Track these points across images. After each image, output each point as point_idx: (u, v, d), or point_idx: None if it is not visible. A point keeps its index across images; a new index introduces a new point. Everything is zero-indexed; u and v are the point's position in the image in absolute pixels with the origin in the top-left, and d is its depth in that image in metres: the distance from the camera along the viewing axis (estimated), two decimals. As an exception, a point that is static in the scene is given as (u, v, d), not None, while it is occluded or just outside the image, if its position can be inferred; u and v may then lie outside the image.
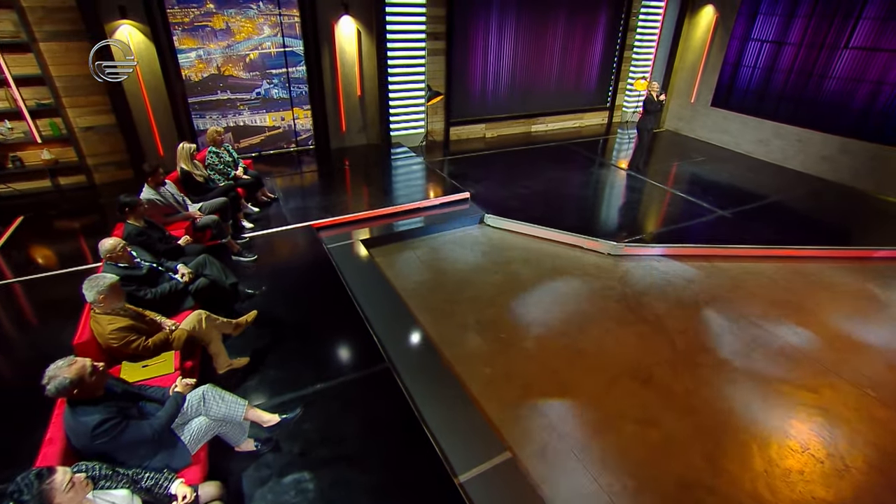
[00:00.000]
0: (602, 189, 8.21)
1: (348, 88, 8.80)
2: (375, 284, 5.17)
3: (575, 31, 10.41)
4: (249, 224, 6.07)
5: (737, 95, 10.15)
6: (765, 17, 9.37)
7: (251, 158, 7.99)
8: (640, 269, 5.85)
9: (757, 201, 7.69)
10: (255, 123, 8.62)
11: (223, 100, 8.19)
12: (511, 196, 7.43)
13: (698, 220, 6.90)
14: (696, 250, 6.17)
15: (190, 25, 7.46)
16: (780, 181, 8.74)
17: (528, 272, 5.70)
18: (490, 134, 10.46)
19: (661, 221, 6.89)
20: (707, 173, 8.87)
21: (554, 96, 10.94)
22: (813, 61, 8.76)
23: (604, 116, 11.82)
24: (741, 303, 5.31)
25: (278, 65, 8.34)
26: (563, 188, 7.88)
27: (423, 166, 8.41)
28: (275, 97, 8.56)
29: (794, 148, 9.29)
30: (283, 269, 5.28)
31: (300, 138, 9.08)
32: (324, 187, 7.59)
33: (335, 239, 6.05)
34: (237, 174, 6.34)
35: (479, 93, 9.97)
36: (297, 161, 8.79)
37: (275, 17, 7.97)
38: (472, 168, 8.63)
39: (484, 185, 7.76)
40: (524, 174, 8.40)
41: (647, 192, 7.93)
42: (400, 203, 6.80)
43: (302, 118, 8.91)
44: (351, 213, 6.45)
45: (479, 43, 9.49)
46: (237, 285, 4.09)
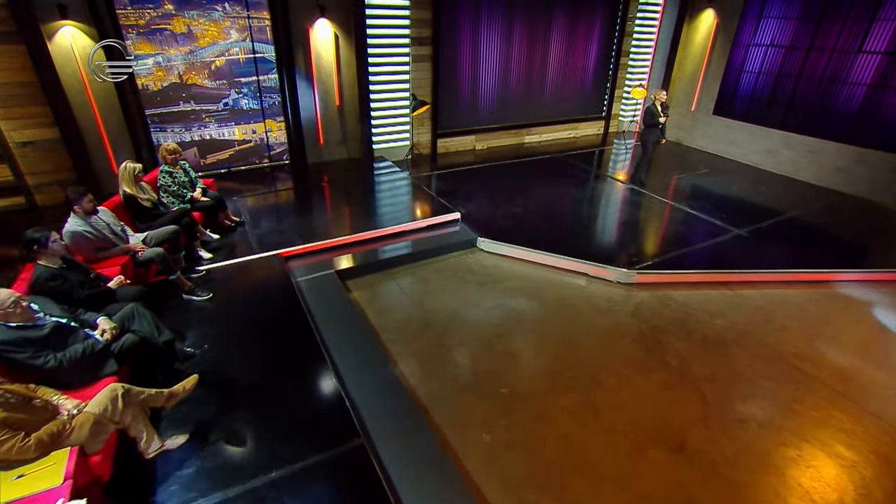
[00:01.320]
0: (604, 206, 7.53)
1: (326, 98, 8.06)
2: (351, 327, 4.39)
3: (568, 37, 9.80)
4: (207, 254, 5.26)
5: (741, 103, 9.59)
6: (770, 20, 8.83)
7: (214, 177, 7.19)
8: (655, 301, 5.14)
9: (773, 217, 7.06)
10: (222, 137, 7.83)
11: (186, 111, 7.40)
12: (505, 216, 6.71)
13: (713, 241, 6.23)
14: (715, 276, 5.48)
15: (146, 28, 6.68)
16: (794, 195, 8.14)
17: (529, 307, 4.96)
18: (480, 146, 9.77)
19: (673, 242, 6.20)
20: (714, 187, 8.25)
21: (547, 105, 10.30)
22: (824, 66, 8.21)
23: (599, 126, 11.21)
24: (774, 339, 4.61)
25: (248, 73, 7.58)
26: (561, 205, 7.19)
27: (408, 183, 7.67)
28: (245, 108, 7.79)
29: (806, 159, 8.71)
30: (242, 310, 4.47)
31: (274, 153, 8.30)
32: (298, 208, 6.81)
33: (307, 270, 5.27)
34: (194, 196, 5.54)
35: (469, 102, 9.29)
36: (271, 178, 8.00)
37: (243, 20, 7.22)
38: (462, 184, 7.91)
39: (475, 204, 7.04)
40: (519, 190, 7.69)
41: (654, 209, 7.26)
42: (382, 226, 6.03)
43: (275, 131, 8.14)
44: (326, 239, 5.67)
45: (468, 49, 8.82)
46: (173, 343, 3.28)
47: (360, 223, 6.24)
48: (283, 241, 5.62)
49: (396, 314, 4.79)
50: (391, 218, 6.35)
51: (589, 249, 5.84)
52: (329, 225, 6.10)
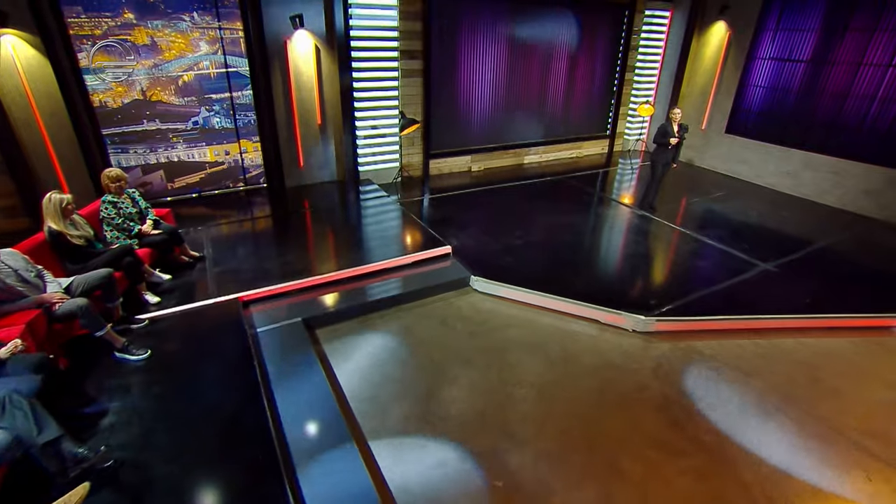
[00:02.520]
0: (613, 237, 6.78)
1: (306, 116, 7.36)
2: (314, 395, 3.60)
3: (571, 51, 9.16)
4: (154, 299, 4.50)
5: (756, 121, 8.91)
6: (787, 32, 8.19)
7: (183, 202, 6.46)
8: (678, 354, 4.36)
9: (801, 249, 6.31)
10: (192, 159, 7.11)
11: (151, 130, 6.70)
12: (503, 249, 5.95)
13: (739, 279, 5.47)
14: (746, 323, 4.71)
15: (103, 39, 6.00)
16: (821, 221, 7.41)
17: (530, 365, 4.18)
18: (476, 167, 9.06)
19: (693, 281, 5.44)
20: (732, 212, 7.52)
21: (548, 123, 9.63)
22: (849, 81, 7.54)
23: (604, 145, 10.53)
24: (827, 408, 3.82)
25: (219, 88, 6.89)
26: (564, 236, 6.44)
27: (395, 210, 6.93)
28: (216, 127, 7.09)
29: (829, 181, 8.01)
30: (182, 374, 3.68)
31: (249, 176, 7.59)
32: (268, 241, 6.05)
33: (269, 317, 4.50)
34: (143, 230, 4.80)
35: (464, 120, 8.61)
36: (246, 203, 7.28)
37: (214, 31, 6.56)
38: (456, 210, 7.18)
39: (469, 234, 6.29)
40: (517, 218, 6.96)
41: (668, 240, 6.52)
42: (361, 263, 5.28)
43: (251, 152, 7.43)
44: (294, 280, 4.91)
45: (463, 63, 8.17)
46: (59, 442, 2.48)
47: (336, 259, 5.49)
48: (246, 282, 4.86)
49: (372, 375, 4.00)
50: (373, 253, 5.60)
51: (599, 290, 5.09)
52: (300, 262, 5.34)
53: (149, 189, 6.97)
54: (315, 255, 5.56)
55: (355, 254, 5.58)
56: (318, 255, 5.59)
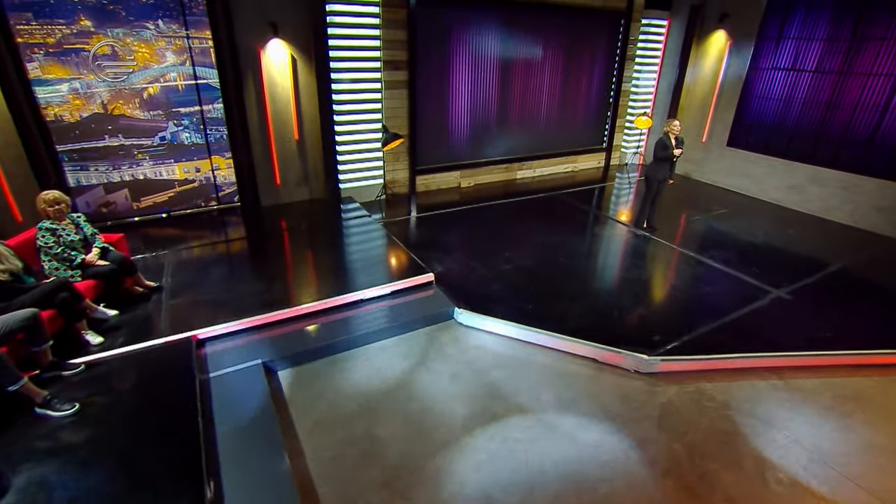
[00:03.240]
0: (610, 260, 6.28)
1: (282, 131, 6.90)
2: (267, 460, 3.07)
3: (566, 61, 8.76)
4: (97, 339, 3.98)
5: (759, 133, 8.50)
6: (791, 41, 7.80)
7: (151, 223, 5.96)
8: (687, 400, 3.86)
9: (815, 272, 5.84)
10: (160, 177, 6.63)
11: (113, 146, 6.22)
12: (491, 275, 5.46)
13: (749, 308, 4.98)
14: (761, 361, 4.22)
15: (56, 49, 5.54)
16: (831, 240, 6.96)
17: (520, 415, 3.66)
18: (466, 183, 8.60)
19: (700, 311, 4.95)
20: (737, 231, 7.05)
21: (542, 137, 9.19)
22: (859, 93, 7.13)
23: (600, 159, 10.10)
24: (862, 467, 3.31)
25: (188, 102, 6.43)
26: (558, 259, 5.95)
27: (376, 231, 6.43)
28: (186, 143, 6.61)
29: (838, 197, 7.57)
30: (114, 433, 3.16)
31: (222, 194, 7.10)
32: (233, 268, 5.54)
33: (225, 359, 3.98)
34: (87, 260, 4.28)
35: (452, 134, 8.17)
36: (218, 224, 6.78)
37: (181, 40, 6.11)
38: (442, 230, 6.70)
39: (455, 258, 5.80)
40: (508, 239, 6.47)
41: (670, 263, 6.05)
42: (333, 295, 4.77)
43: (223, 169, 6.95)
44: (256, 315, 4.39)
45: (452, 74, 7.74)
46: None
47: (306, 290, 4.98)
48: (205, 317, 4.34)
49: (336, 430, 3.48)
50: (347, 282, 5.10)
51: (596, 323, 4.59)
52: (266, 293, 4.83)
53: (112, 209, 6.48)
54: (284, 284, 5.05)
55: (328, 284, 5.08)
56: (287, 285, 5.08)
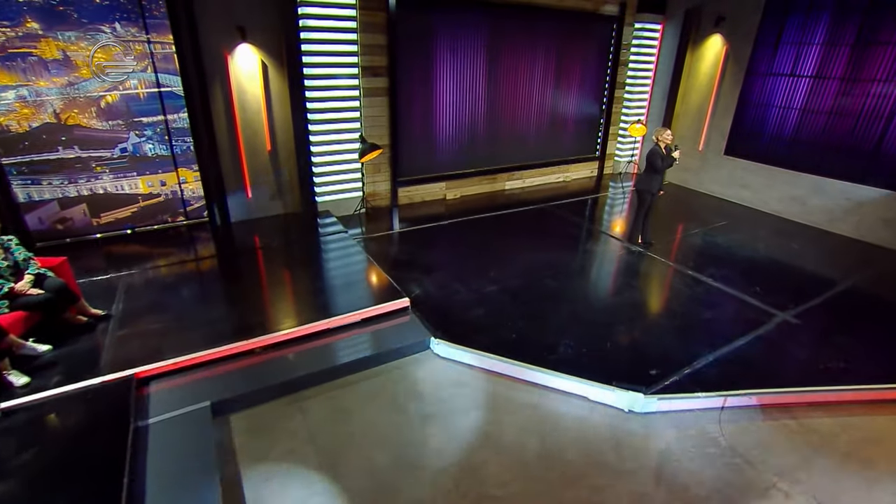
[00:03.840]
0: (602, 280, 5.85)
1: (253, 141, 6.47)
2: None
3: (556, 66, 8.39)
4: (22, 379, 3.52)
5: (759, 142, 8.13)
6: (790, 46, 7.45)
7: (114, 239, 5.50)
8: (688, 445, 3.43)
9: (823, 291, 5.44)
10: (121, 191, 6.18)
11: (69, 159, 5.78)
12: (474, 298, 5.03)
13: (754, 335, 4.57)
14: (771, 398, 3.80)
15: (0, 52, 5.10)
16: (836, 254, 6.58)
17: (499, 467, 3.23)
18: (452, 195, 8.18)
19: (699, 339, 4.53)
20: (736, 245, 6.65)
21: (531, 145, 8.80)
22: (863, 100, 6.78)
23: (593, 168, 9.72)
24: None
25: (151, 111, 6.00)
26: (546, 280, 5.52)
27: (351, 249, 6.00)
28: (149, 154, 6.18)
29: (843, 208, 7.19)
30: (22, 499, 2.70)
31: (191, 208, 6.65)
32: (195, 290, 5.09)
33: (170, 401, 3.53)
34: (16, 288, 3.83)
35: (437, 143, 7.76)
36: (185, 241, 6.35)
37: (141, 44, 5.68)
38: (424, 247, 6.28)
39: (436, 279, 5.37)
40: (494, 256, 6.05)
41: (667, 283, 5.64)
42: (297, 324, 4.32)
43: (191, 182, 6.51)
44: (210, 349, 3.95)
45: (436, 81, 7.34)
46: None
47: (269, 318, 4.52)
48: (152, 350, 3.90)
49: (290, 487, 3.03)
50: (314, 309, 4.66)
51: (587, 354, 4.17)
52: (224, 322, 4.39)
53: (69, 225, 6.03)
54: (244, 312, 4.59)
55: (292, 311, 4.63)
56: (248, 313, 4.62)
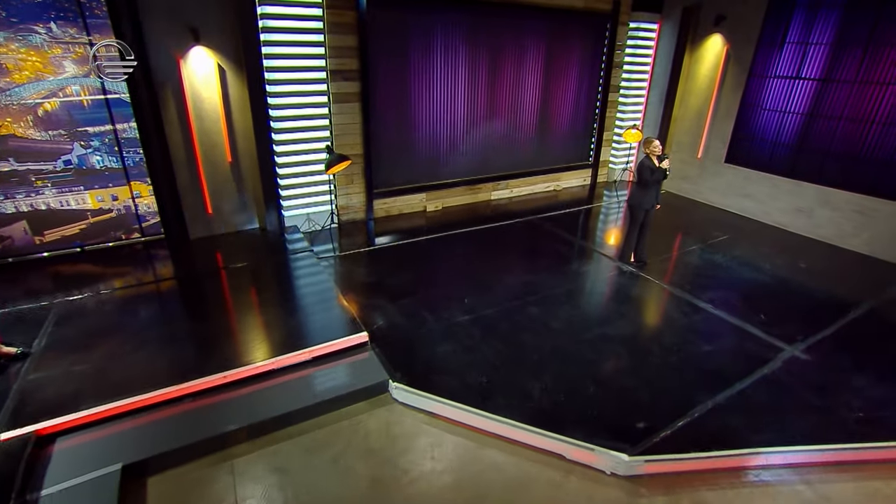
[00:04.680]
0: (588, 309, 5.19)
1: (212, 153, 5.96)
2: None
3: (546, 68, 7.87)
4: None
5: (761, 149, 7.59)
6: (795, 46, 6.91)
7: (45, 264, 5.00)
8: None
9: (834, 319, 4.90)
10: (67, 206, 5.69)
11: (3, 172, 5.28)
12: (442, 332, 4.49)
13: (758, 375, 4.03)
14: (779, 458, 3.26)
15: (-82, 58, 4.62)
16: (848, 273, 6.04)
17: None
18: (433, 206, 7.65)
19: (696, 381, 3.99)
20: (738, 263, 6.11)
21: (519, 152, 8.28)
22: (877, 104, 6.23)
23: (586, 176, 9.18)
24: None
25: (98, 119, 5.51)
26: (526, 307, 4.98)
27: (313, 271, 5.48)
28: (97, 167, 5.68)
29: (853, 221, 6.64)
30: None
31: (146, 224, 6.15)
32: (130, 322, 4.57)
33: (77, 462, 3.01)
34: None
35: (416, 151, 7.24)
36: (139, 260, 5.85)
37: (82, 47, 5.18)
38: (394, 268, 5.75)
39: (403, 307, 4.85)
40: (471, 278, 5.53)
41: (661, 311, 5.10)
42: (235, 366, 3.80)
43: (146, 196, 6.01)
44: (129, 398, 3.43)
45: (412, 84, 6.82)
46: None
47: (209, 356, 3.99)
48: (63, 401, 3.38)
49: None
50: (262, 344, 4.13)
51: (565, 402, 3.64)
52: (157, 360, 3.87)
53: (8, 244, 5.54)
54: (183, 349, 4.07)
55: (235, 348, 4.10)
56: (188, 349, 4.10)
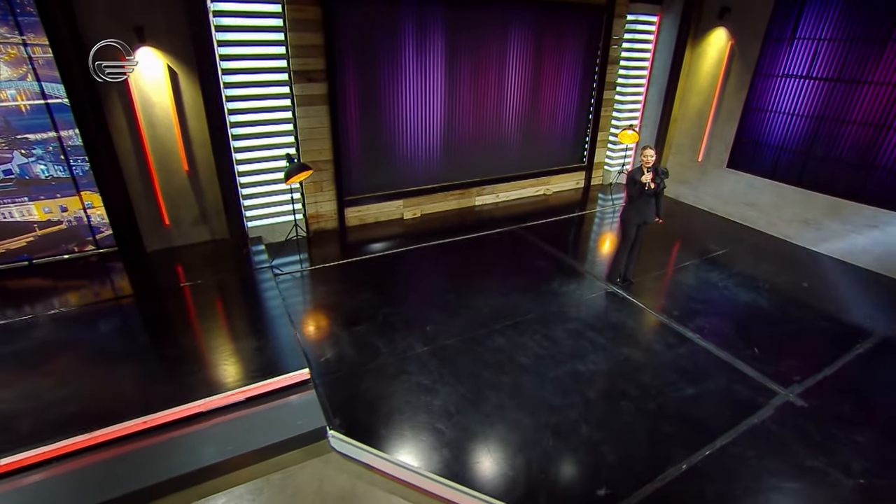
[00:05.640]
0: (561, 342, 4.52)
1: (166, 161, 5.55)
2: None
3: (536, 64, 7.33)
4: None
5: (767, 154, 7.02)
6: (807, 42, 6.31)
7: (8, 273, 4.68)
8: None
9: (842, 351, 4.40)
10: (9, 218, 5.33)
11: (-62, 184, 4.93)
12: (395, 367, 4.07)
13: (747, 423, 3.57)
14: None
15: None
16: (857, 296, 5.51)
17: None
18: (410, 214, 7.20)
19: (674, 432, 3.53)
20: (736, 283, 5.60)
21: (507, 155, 7.77)
22: (890, 108, 5.64)
23: (579, 178, 8.66)
24: None
25: (39, 126, 5.11)
26: (495, 337, 4.53)
27: (269, 290, 5.07)
28: (42, 177, 5.31)
29: (865, 236, 6.09)
30: None
31: (101, 236, 5.79)
32: (54, 351, 4.20)
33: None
34: None
35: (390, 155, 6.77)
36: (88, 275, 5.50)
37: (15, 47, 4.77)
38: (358, 287, 5.32)
39: (356, 337, 4.42)
40: (436, 300, 5.09)
41: (643, 342, 4.62)
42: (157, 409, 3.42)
43: (99, 207, 5.64)
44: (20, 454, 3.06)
45: (386, 84, 6.33)
46: None
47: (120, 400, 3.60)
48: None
49: None
50: (194, 381, 3.74)
51: (519, 459, 3.21)
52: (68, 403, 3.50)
53: (-51, 260, 5.20)
54: (103, 387, 3.70)
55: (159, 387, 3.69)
56: (108, 386, 3.73)
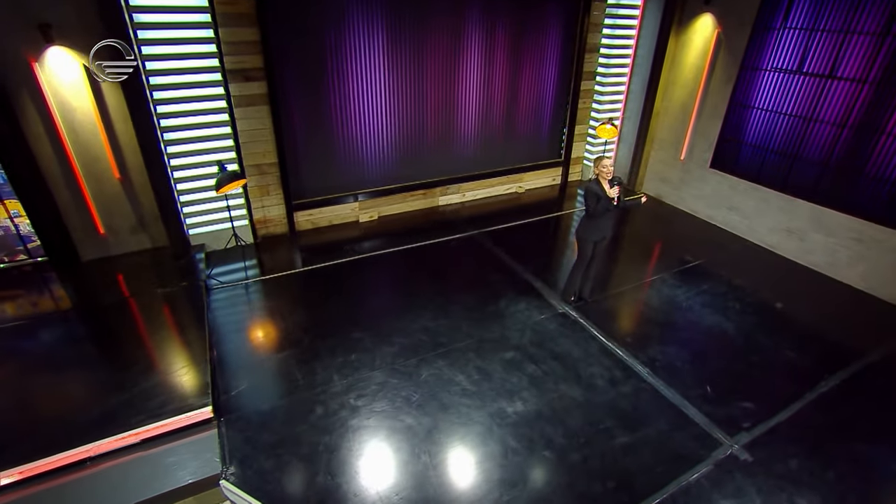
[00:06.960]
0: (495, 373, 4.14)
1: (94, 168, 5.22)
2: None
3: (508, 52, 6.80)
4: None
5: (751, 155, 6.50)
6: (797, 31, 5.71)
7: None
8: None
9: (804, 388, 4.03)
10: (-67, 229, 5.08)
11: None
12: (308, 405, 3.79)
13: (678, 484, 3.25)
14: None
15: None
16: (835, 316, 5.11)
17: None
18: (366, 216, 6.82)
19: (588, 499, 3.23)
20: (702, 305, 5.19)
21: (474, 150, 7.32)
22: (889, 110, 5.10)
23: (555, 175, 8.19)
24: None
25: (-49, 133, 4.78)
26: (418, 371, 4.22)
27: (195, 307, 4.79)
28: (-39, 185, 5.02)
29: (850, 249, 5.63)
30: None
31: (32, 245, 5.52)
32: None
33: None
34: None
35: (342, 155, 6.37)
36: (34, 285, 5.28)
37: (-85, 51, 4.41)
38: (294, 303, 5.03)
39: (279, 364, 4.15)
40: (373, 321, 4.76)
41: (584, 377, 4.28)
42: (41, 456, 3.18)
43: (26, 215, 5.35)
44: None
45: (334, 79, 5.89)
46: None
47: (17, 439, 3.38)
48: None
49: None
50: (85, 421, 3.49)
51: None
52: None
53: None
54: None
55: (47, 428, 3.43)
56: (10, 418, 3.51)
